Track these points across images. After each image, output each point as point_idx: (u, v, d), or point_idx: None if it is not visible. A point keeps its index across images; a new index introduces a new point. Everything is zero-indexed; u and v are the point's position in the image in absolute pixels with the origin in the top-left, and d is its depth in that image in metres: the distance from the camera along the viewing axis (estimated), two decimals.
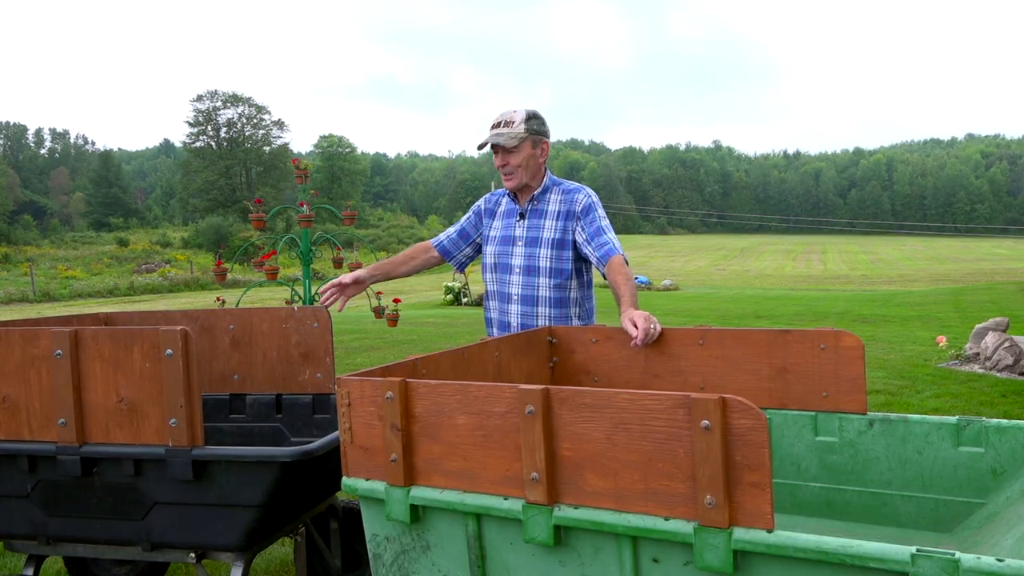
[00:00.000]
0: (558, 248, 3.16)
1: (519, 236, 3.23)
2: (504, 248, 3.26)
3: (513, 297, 3.22)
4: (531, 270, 3.18)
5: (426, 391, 1.82)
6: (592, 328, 2.89)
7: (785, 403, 2.54)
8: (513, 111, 3.17)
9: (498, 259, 3.28)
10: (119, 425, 2.34)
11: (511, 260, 3.23)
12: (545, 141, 3.24)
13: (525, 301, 3.19)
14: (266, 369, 3.23)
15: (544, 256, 3.17)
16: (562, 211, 3.19)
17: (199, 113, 71.77)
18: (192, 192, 70.87)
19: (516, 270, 3.21)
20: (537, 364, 2.85)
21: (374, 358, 10.54)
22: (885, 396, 7.20)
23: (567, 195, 3.22)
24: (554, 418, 1.67)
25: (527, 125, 3.15)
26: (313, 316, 3.17)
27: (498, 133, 3.13)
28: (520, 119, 3.14)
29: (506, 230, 3.28)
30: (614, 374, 2.82)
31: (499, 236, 3.29)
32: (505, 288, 3.25)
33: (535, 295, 3.18)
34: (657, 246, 74.59)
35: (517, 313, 3.21)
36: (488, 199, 3.45)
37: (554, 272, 3.16)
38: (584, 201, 3.19)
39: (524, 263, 3.19)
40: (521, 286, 3.20)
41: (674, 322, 16.91)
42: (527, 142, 3.16)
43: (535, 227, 3.20)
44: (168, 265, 40.62)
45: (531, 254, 3.19)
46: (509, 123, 3.14)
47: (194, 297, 27.52)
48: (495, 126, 3.16)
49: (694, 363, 2.68)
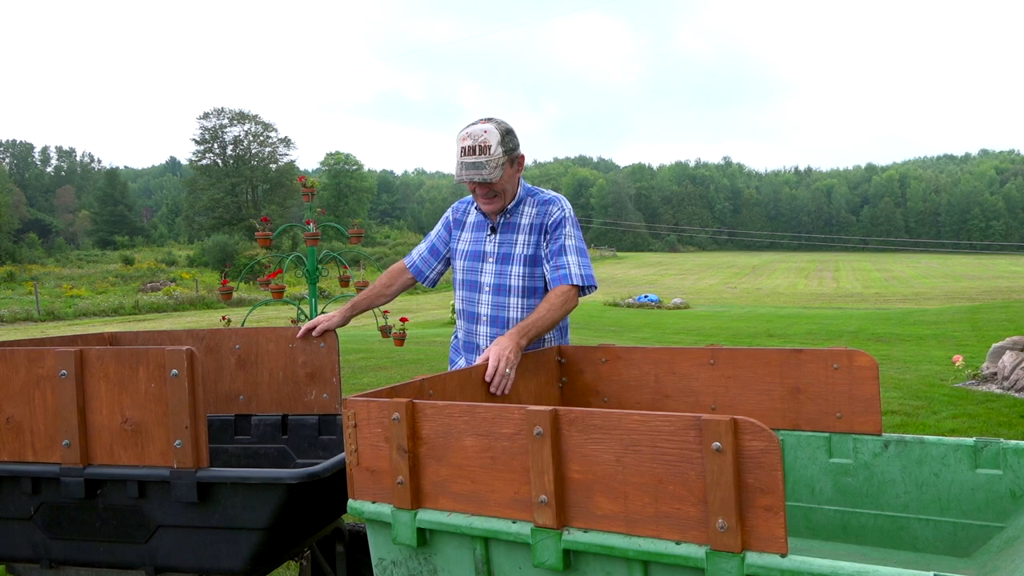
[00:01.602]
0: (531, 265, 2.98)
1: (490, 252, 3.04)
2: (473, 264, 3.07)
3: (482, 318, 3.04)
4: (501, 289, 3.00)
5: (433, 412, 1.82)
6: (602, 348, 2.88)
7: (798, 424, 2.53)
8: (483, 131, 2.83)
9: (466, 275, 3.09)
10: (124, 446, 2.34)
11: (480, 277, 3.05)
12: (521, 156, 2.98)
13: (495, 323, 3.01)
14: (272, 389, 3.23)
15: (516, 274, 2.98)
16: (535, 224, 3.00)
17: (205, 131, 72.31)
18: (198, 210, 71.30)
19: (486, 288, 3.03)
20: (546, 384, 2.84)
21: (380, 378, 10.54)
22: (900, 417, 7.15)
23: (541, 206, 3.02)
24: (563, 440, 1.66)
25: (504, 147, 2.85)
26: (321, 336, 3.17)
27: (476, 164, 2.81)
28: (495, 142, 2.83)
29: (476, 244, 3.09)
30: (624, 394, 2.81)
31: (468, 250, 3.10)
32: (474, 308, 3.06)
33: (505, 316, 2.99)
34: (667, 264, 74.55)
35: (486, 335, 3.02)
36: (456, 208, 3.25)
37: (526, 291, 2.98)
38: (556, 215, 2.99)
39: (494, 281, 3.01)
40: (491, 306, 3.02)
41: (685, 341, 16.87)
42: (506, 166, 2.89)
43: (507, 242, 3.02)
44: (173, 284, 40.80)
45: (502, 271, 3.00)
46: (484, 148, 2.81)
47: (199, 316, 27.60)
48: (468, 152, 2.82)
49: (705, 383, 2.68)
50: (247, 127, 73.32)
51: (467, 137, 2.85)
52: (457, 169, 2.89)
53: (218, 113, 72.59)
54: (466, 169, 2.83)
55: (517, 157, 2.99)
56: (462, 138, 2.86)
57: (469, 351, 3.10)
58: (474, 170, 2.83)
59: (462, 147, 2.84)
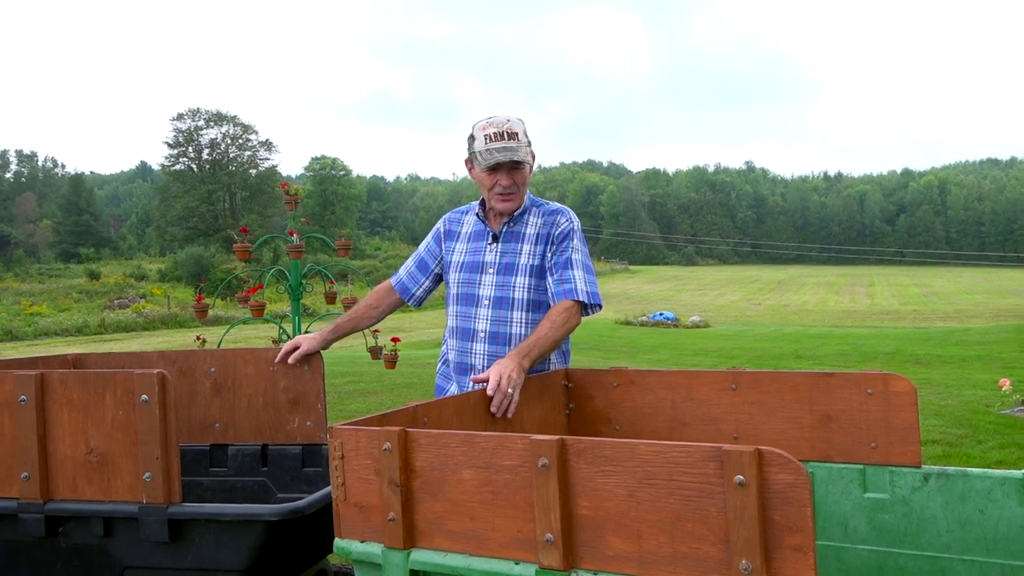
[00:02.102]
0: (536, 276, 3.00)
1: (490, 262, 3.05)
2: (471, 276, 3.07)
3: (479, 334, 3.02)
4: (503, 302, 3.00)
5: (428, 442, 1.82)
6: (613, 371, 2.88)
7: (829, 455, 2.52)
8: (507, 119, 2.97)
9: (462, 288, 3.08)
10: (88, 480, 2.34)
11: (478, 290, 3.04)
12: (534, 156, 3.11)
13: (494, 339, 2.99)
14: (251, 417, 3.23)
15: (520, 286, 2.99)
16: (542, 234, 3.03)
17: (179, 133, 72.62)
18: (170, 219, 71.48)
19: (484, 302, 3.02)
20: (551, 411, 2.84)
21: (370, 404, 10.53)
22: (942, 447, 7.13)
23: (548, 216, 3.07)
24: (571, 472, 1.66)
25: (527, 139, 3.01)
26: (304, 358, 3.17)
27: (507, 147, 2.93)
28: (521, 131, 2.97)
29: (474, 255, 3.10)
30: (638, 422, 2.81)
31: (465, 262, 3.11)
32: (469, 323, 3.05)
33: (507, 332, 2.99)
34: (684, 278, 74.61)
35: (482, 354, 3.00)
36: (449, 218, 3.27)
37: (531, 305, 2.99)
38: (564, 225, 3.04)
39: (495, 294, 3.01)
40: (490, 321, 3.00)
41: (704, 363, 16.87)
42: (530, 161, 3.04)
43: (510, 252, 3.03)
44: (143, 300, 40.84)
45: (504, 283, 3.01)
46: (512, 135, 2.94)
47: (171, 336, 27.62)
48: (495, 138, 2.94)
49: (726, 410, 2.67)
50: (225, 129, 73.67)
51: (489, 125, 2.97)
52: (482, 155, 2.95)
53: (193, 114, 72.98)
54: (498, 151, 2.92)
55: (533, 155, 3.10)
56: (482, 127, 2.98)
57: (462, 373, 3.09)
58: (508, 152, 2.92)
59: (486, 135, 2.95)
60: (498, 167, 2.96)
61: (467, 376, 3.05)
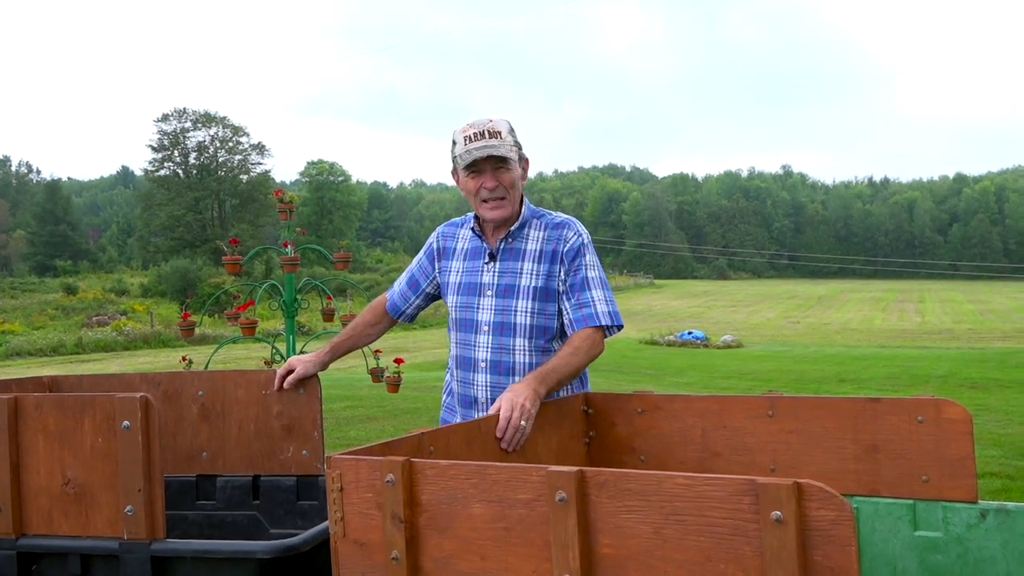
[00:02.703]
0: (541, 299, 2.97)
1: (488, 283, 3.03)
2: (468, 299, 3.07)
3: (479, 364, 3.02)
4: (504, 328, 2.98)
5: (435, 473, 1.82)
6: (637, 395, 2.88)
7: (876, 489, 2.51)
8: (489, 120, 2.97)
9: (460, 313, 3.08)
10: (65, 513, 2.35)
11: (476, 315, 3.03)
12: (527, 160, 3.11)
13: (495, 369, 2.99)
14: (241, 445, 3.24)
15: (522, 310, 2.97)
16: (547, 251, 3.00)
17: (164, 135, 73.21)
18: (154, 229, 71.97)
19: (484, 328, 3.01)
20: (570, 439, 2.84)
21: (371, 431, 10.54)
22: (1001, 480, 7.08)
23: (553, 230, 3.04)
24: (591, 507, 1.66)
25: (513, 138, 3.00)
26: (299, 381, 3.18)
27: (489, 145, 2.91)
28: (504, 130, 2.96)
29: (470, 275, 3.09)
30: (665, 452, 2.80)
31: (461, 283, 3.10)
32: (470, 352, 3.05)
33: (509, 361, 2.98)
34: (715, 294, 74.47)
35: (484, 385, 3.00)
36: (443, 233, 3.26)
37: (535, 331, 2.97)
38: (574, 240, 3.01)
39: (494, 319, 2.99)
40: (490, 349, 2.99)
41: (738, 388, 16.80)
42: (516, 160, 3.00)
43: (510, 271, 3.01)
44: (124, 317, 41.04)
45: (505, 307, 2.99)
46: (495, 133, 2.93)
47: (155, 356, 27.73)
48: (476, 137, 2.93)
49: (762, 439, 2.67)
50: (213, 131, 74.22)
51: (470, 127, 2.96)
52: (460, 155, 2.95)
53: (179, 115, 73.57)
54: (477, 149, 2.91)
55: (524, 157, 3.08)
56: (462, 130, 2.97)
57: (466, 406, 3.09)
58: (488, 148, 2.91)
59: (466, 136, 2.95)
60: (479, 168, 2.96)
61: (472, 409, 3.05)
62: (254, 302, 9.20)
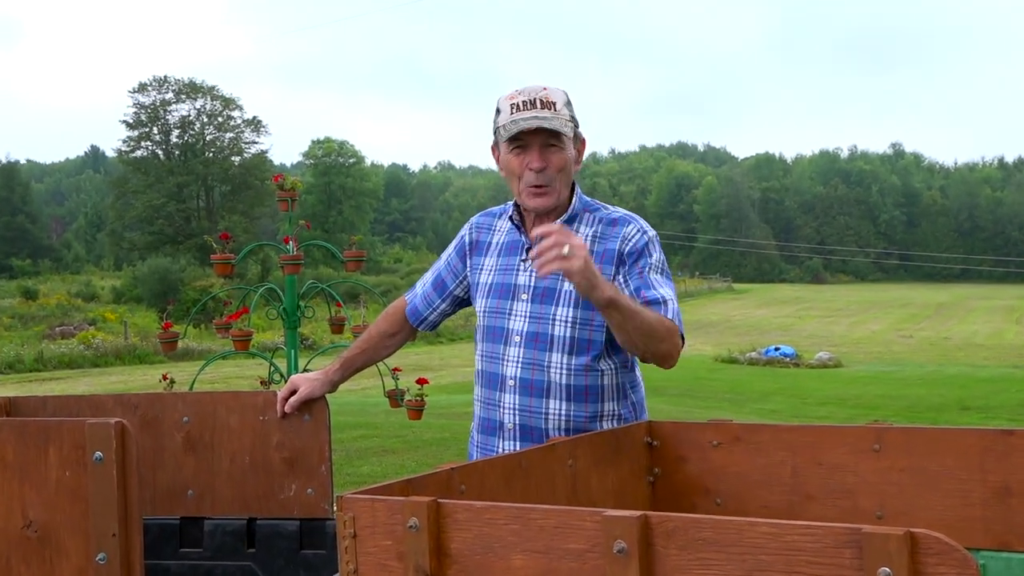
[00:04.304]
0: (585, 307, 2.90)
1: (523, 285, 3.03)
2: (499, 303, 3.07)
3: (507, 382, 3.02)
4: (539, 340, 2.97)
5: (468, 517, 1.83)
6: (713, 424, 2.88)
7: (1008, 541, 2.49)
8: (543, 87, 2.96)
9: (489, 320, 3.09)
10: (25, 560, 2.38)
11: (508, 322, 3.03)
12: (584, 141, 3.10)
13: (526, 389, 2.99)
14: (234, 481, 3.27)
15: (561, 319, 2.96)
16: (598, 250, 2.99)
17: (141, 109, 74.01)
18: (129, 222, 72.72)
19: (515, 338, 3.01)
20: (630, 478, 2.84)
21: (388, 466, 10.60)
22: None
23: (608, 227, 3.03)
24: (657, 560, 1.66)
25: (570, 112, 2.99)
26: (304, 405, 3.21)
27: (540, 116, 2.90)
28: (562, 101, 2.96)
29: (504, 274, 3.09)
30: (746, 494, 2.79)
31: (493, 284, 3.11)
32: (496, 367, 3.05)
33: (543, 380, 2.97)
34: (808, 301, 73.93)
35: (512, 408, 3.01)
36: (477, 224, 3.28)
37: (576, 345, 2.96)
38: (637, 239, 2.99)
39: (528, 328, 2.99)
40: (521, 365, 3.00)
41: (836, 416, 16.67)
42: (571, 138, 3.00)
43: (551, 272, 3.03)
44: (93, 327, 41.50)
45: (541, 314, 2.98)
46: (548, 103, 2.92)
47: (130, 374, 28.03)
48: (525, 106, 2.92)
49: (867, 479, 2.65)
50: (200, 104, 75.02)
51: (519, 94, 2.96)
52: (504, 125, 2.94)
53: (159, 84, 74.36)
54: (525, 119, 2.89)
55: (581, 137, 3.07)
56: (509, 96, 2.98)
57: (488, 432, 3.10)
58: (538, 119, 2.88)
59: (513, 104, 2.94)
60: (525, 143, 2.95)
61: (495, 436, 3.06)
62: (248, 310, 9.25)
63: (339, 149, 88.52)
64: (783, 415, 16.91)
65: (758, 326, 50.40)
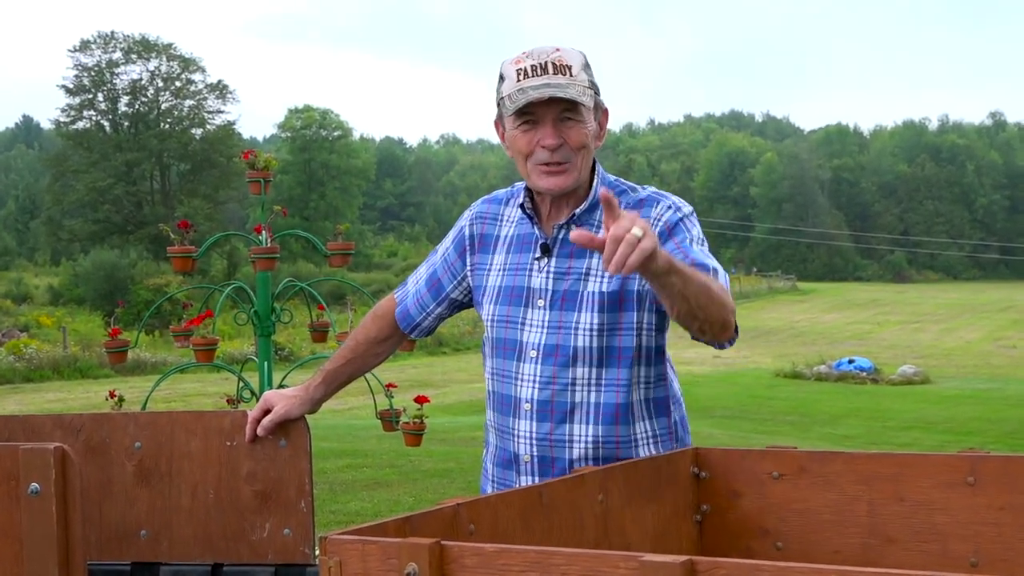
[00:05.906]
0: (611, 309, 2.94)
1: (539, 288, 3.02)
2: (511, 311, 3.07)
3: (523, 406, 3.02)
4: (560, 353, 2.97)
5: (478, 562, 1.84)
6: (772, 452, 2.88)
7: None
8: (555, 48, 2.94)
9: (499, 331, 3.10)
10: None
11: (521, 333, 3.04)
12: (606, 111, 3.10)
13: (545, 414, 2.99)
14: (196, 520, 3.28)
15: (586, 327, 2.95)
16: None
17: (83, 71, 73.96)
18: (68, 207, 72.71)
19: (530, 352, 3.01)
20: (673, 515, 2.85)
21: (381, 502, 10.63)
22: None
23: (636, 209, 2.90)
24: None
25: (589, 77, 2.97)
26: (279, 428, 3.22)
27: (552, 83, 2.88)
28: (578, 64, 2.94)
29: (515, 276, 3.08)
30: (812, 535, 2.80)
31: (502, 287, 3.11)
32: (509, 387, 3.06)
33: (565, 402, 2.98)
34: (888, 303, 73.79)
35: (528, 437, 3.01)
36: (479, 213, 3.27)
37: (602, 356, 2.96)
38: (669, 217, 2.97)
39: (546, 339, 2.99)
40: (539, 384, 3.00)
41: (922, 443, 16.63)
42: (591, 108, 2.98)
43: (573, 272, 3.00)
44: (25, 334, 41.67)
45: (562, 323, 2.97)
46: (561, 68, 2.90)
47: (70, 391, 28.12)
48: (534, 71, 2.90)
49: (959, 517, 2.65)
50: (153, 65, 75.01)
51: (525, 57, 2.94)
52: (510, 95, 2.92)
53: (105, 42, 74.29)
54: (535, 88, 2.88)
55: (603, 107, 3.06)
56: (515, 60, 2.96)
57: (503, 465, 3.12)
58: (549, 87, 2.86)
59: (519, 69, 2.92)
60: (536, 116, 2.93)
61: (510, 470, 3.08)
62: (213, 313, 9.29)
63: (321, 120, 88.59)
64: (858, 441, 16.88)
65: (828, 334, 50.33)
